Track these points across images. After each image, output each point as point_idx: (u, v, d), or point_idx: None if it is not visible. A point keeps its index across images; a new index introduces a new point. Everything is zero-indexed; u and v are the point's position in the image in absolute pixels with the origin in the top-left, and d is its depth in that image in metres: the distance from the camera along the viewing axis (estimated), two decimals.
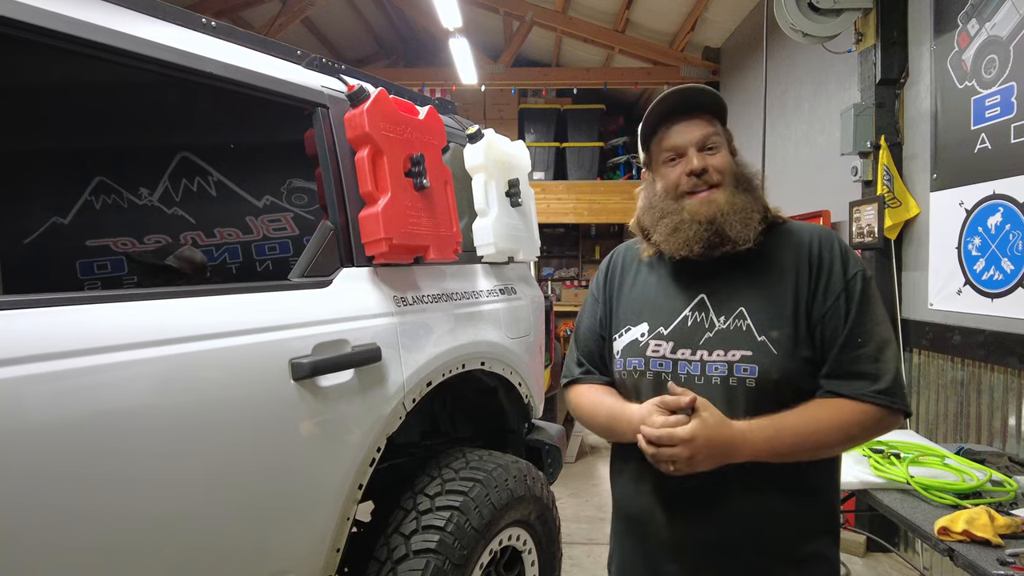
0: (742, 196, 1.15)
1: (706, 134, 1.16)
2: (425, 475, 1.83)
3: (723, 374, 1.12)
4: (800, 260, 1.15)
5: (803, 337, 1.11)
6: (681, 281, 1.21)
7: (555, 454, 2.37)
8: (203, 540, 1.22)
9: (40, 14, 1.11)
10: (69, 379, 1.03)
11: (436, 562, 1.62)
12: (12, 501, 0.95)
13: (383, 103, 1.68)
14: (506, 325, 2.20)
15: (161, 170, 3.38)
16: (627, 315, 1.26)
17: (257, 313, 1.36)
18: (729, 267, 1.17)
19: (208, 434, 1.21)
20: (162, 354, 1.14)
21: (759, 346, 1.11)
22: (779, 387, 1.09)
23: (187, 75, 1.35)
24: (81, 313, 1.08)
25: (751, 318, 1.12)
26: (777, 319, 1.12)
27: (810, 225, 1.22)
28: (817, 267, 1.14)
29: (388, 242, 1.61)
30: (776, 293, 1.14)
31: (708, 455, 1.03)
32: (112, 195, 3.35)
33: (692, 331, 1.16)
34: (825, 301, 1.12)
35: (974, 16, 2.76)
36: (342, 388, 1.49)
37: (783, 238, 1.19)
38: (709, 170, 1.15)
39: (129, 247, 3.36)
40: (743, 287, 1.16)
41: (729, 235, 1.12)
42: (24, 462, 0.96)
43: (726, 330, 1.13)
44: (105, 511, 1.07)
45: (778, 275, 1.15)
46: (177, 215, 3.42)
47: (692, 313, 1.18)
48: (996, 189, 2.60)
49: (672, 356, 1.16)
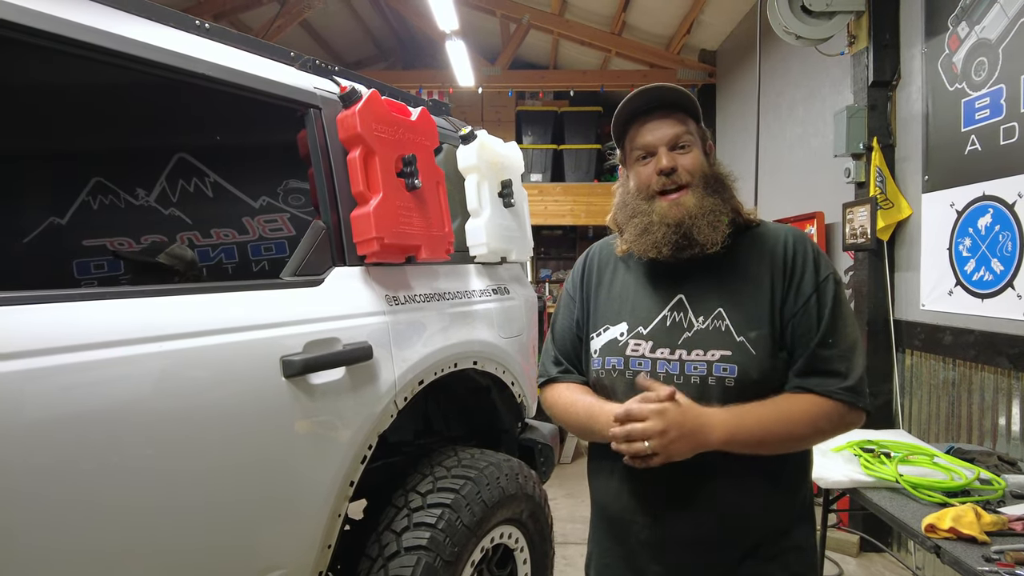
0: (711, 198, 1.16)
1: (677, 133, 1.17)
2: (417, 473, 1.84)
3: (703, 373, 1.13)
4: (775, 261, 1.17)
5: (778, 337, 1.14)
6: (659, 281, 1.22)
7: (548, 453, 2.38)
8: (192, 536, 1.23)
9: (34, 16, 1.12)
10: (64, 375, 1.04)
11: (427, 559, 1.63)
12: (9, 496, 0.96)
13: (375, 104, 1.69)
14: (499, 325, 2.21)
15: (158, 171, 3.40)
16: (605, 314, 1.26)
17: (249, 310, 1.37)
18: (706, 268, 1.18)
19: (199, 430, 1.23)
20: (155, 350, 1.15)
21: (738, 346, 1.12)
22: (757, 386, 1.11)
23: (180, 76, 1.37)
24: (77, 310, 1.09)
25: (729, 318, 1.14)
26: (755, 320, 1.14)
27: (784, 227, 1.24)
28: (791, 268, 1.16)
29: (379, 241, 1.63)
30: (753, 294, 1.16)
31: (679, 433, 1.04)
32: (109, 195, 3.37)
33: (671, 331, 1.18)
34: (796, 302, 1.14)
35: (964, 19, 2.78)
36: (333, 386, 1.50)
37: (758, 240, 1.21)
38: (679, 169, 1.16)
39: (126, 247, 3.38)
40: (721, 288, 1.17)
41: (697, 239, 1.14)
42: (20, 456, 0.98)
43: (705, 330, 1.15)
44: (96, 506, 1.08)
45: (754, 276, 1.17)
46: (174, 215, 3.43)
47: (671, 313, 1.19)
48: (986, 190, 2.62)
49: (651, 355, 1.18)
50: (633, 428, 1.05)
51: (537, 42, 7.54)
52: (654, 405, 1.04)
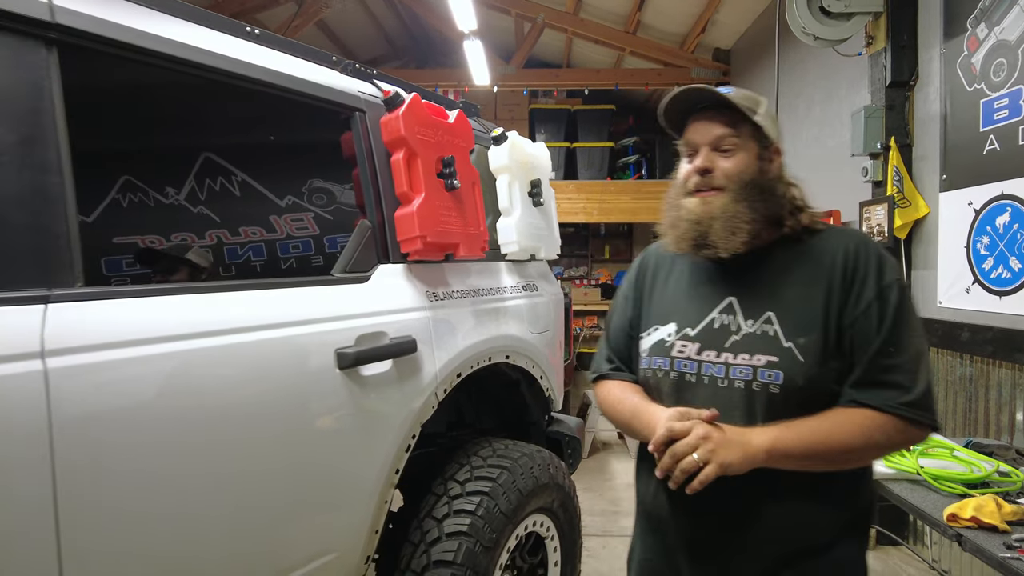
0: (740, 204, 1.13)
1: (720, 135, 1.15)
2: (455, 463, 1.92)
3: (747, 378, 1.11)
4: (835, 266, 1.12)
5: (832, 345, 1.09)
6: (711, 282, 1.21)
7: (575, 445, 2.45)
8: (262, 516, 1.32)
9: (114, 28, 1.19)
10: (165, 362, 1.15)
11: (468, 544, 1.70)
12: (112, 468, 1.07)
13: (417, 108, 1.76)
14: (528, 320, 2.28)
15: (186, 170, 3.48)
16: (656, 315, 1.27)
17: (306, 306, 1.45)
18: (762, 270, 1.17)
19: (266, 419, 1.31)
20: (232, 342, 1.24)
21: (785, 352, 1.09)
22: (803, 394, 1.08)
23: (240, 82, 1.44)
24: (161, 304, 1.20)
25: (779, 323, 1.11)
26: (805, 325, 1.10)
27: (851, 231, 1.20)
28: (852, 273, 1.11)
29: (423, 240, 1.70)
30: (806, 298, 1.12)
31: (722, 437, 1.03)
32: (138, 193, 3.45)
33: (718, 333, 1.16)
34: (856, 307, 1.09)
35: (983, 20, 2.82)
36: (381, 378, 1.57)
37: (820, 244, 1.16)
38: (716, 171, 1.15)
39: (156, 244, 3.46)
40: (773, 291, 1.14)
41: (711, 239, 1.13)
42: (137, 432, 1.10)
43: (752, 334, 1.13)
44: (191, 477, 1.18)
45: (810, 280, 1.13)
46: (203, 214, 3.52)
47: (720, 315, 1.17)
48: (1004, 189, 2.67)
49: (697, 357, 1.16)
50: (676, 447, 1.03)
51: (551, 41, 7.58)
52: (694, 423, 1.04)
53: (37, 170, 1.05)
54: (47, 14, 1.09)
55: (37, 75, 1.07)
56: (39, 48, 1.08)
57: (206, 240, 3.51)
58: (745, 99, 1.16)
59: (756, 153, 1.16)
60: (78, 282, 1.08)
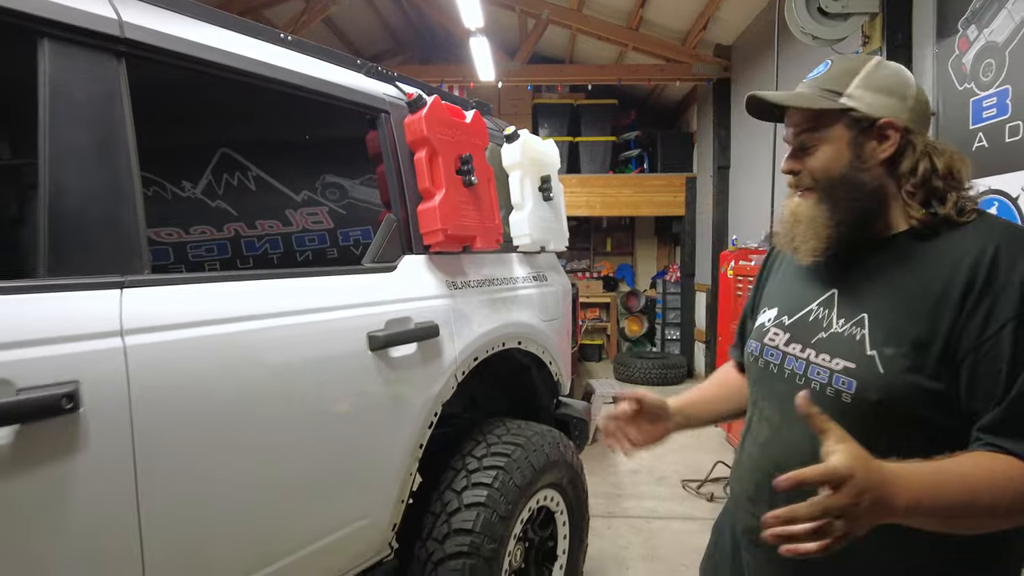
0: (823, 206, 1.03)
1: (799, 134, 1.06)
2: (472, 440, 2.06)
3: (823, 381, 1.00)
4: (959, 271, 0.92)
5: (932, 363, 0.91)
6: (820, 273, 1.11)
7: (582, 426, 2.59)
8: (307, 485, 1.47)
9: (172, 40, 1.32)
10: (223, 341, 1.29)
11: (485, 514, 1.84)
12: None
13: (438, 109, 1.89)
14: (539, 309, 2.41)
15: (203, 165, 3.60)
16: (766, 299, 1.24)
17: (342, 292, 1.58)
18: (873, 267, 1.03)
19: (312, 397, 1.46)
20: (281, 324, 1.39)
21: (866, 360, 0.96)
22: (878, 408, 0.93)
23: (280, 87, 1.57)
24: (223, 290, 1.35)
25: (869, 326, 0.98)
26: (898, 335, 0.94)
27: (1001, 228, 0.95)
28: (983, 283, 0.90)
29: (444, 232, 1.83)
30: (910, 305, 0.95)
31: (868, 501, 0.77)
32: (153, 187, 3.57)
33: (810, 327, 1.07)
34: (985, 327, 0.88)
35: (974, 22, 2.94)
36: (407, 359, 1.71)
37: (953, 241, 0.96)
38: (803, 172, 1.06)
39: (175, 237, 3.59)
40: (877, 291, 1.01)
41: (795, 243, 1.08)
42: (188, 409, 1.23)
43: (839, 334, 1.01)
44: (248, 446, 1.33)
45: (922, 284, 0.95)
46: (220, 207, 3.65)
47: (818, 308, 1.08)
48: (992, 184, 2.79)
49: (784, 348, 1.09)
50: (805, 528, 0.76)
51: (554, 37, 7.69)
52: (840, 471, 0.76)
53: (112, 170, 1.18)
54: (117, 29, 1.22)
55: (110, 85, 1.20)
56: (111, 60, 1.21)
57: (224, 233, 3.64)
58: (831, 80, 1.04)
59: (847, 140, 1.01)
60: (146, 269, 1.21)
